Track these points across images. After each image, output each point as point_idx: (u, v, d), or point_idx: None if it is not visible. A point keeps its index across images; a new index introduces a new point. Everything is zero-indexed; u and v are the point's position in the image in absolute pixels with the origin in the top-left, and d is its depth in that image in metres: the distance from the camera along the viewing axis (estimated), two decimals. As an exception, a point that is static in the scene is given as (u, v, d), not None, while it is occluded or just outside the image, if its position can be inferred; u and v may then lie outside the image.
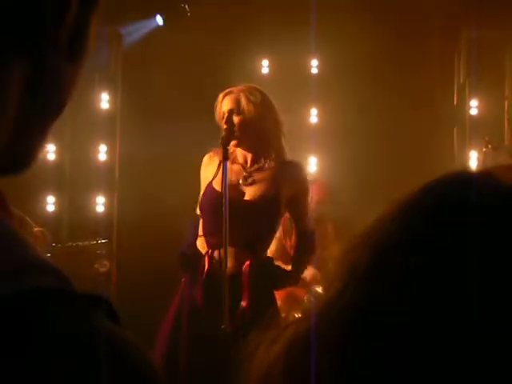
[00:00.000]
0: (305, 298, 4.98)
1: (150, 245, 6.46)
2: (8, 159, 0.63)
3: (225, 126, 3.74)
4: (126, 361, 0.53)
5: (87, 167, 6.86)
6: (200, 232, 3.84)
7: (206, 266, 3.73)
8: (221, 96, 3.85)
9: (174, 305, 3.85)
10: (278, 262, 4.06)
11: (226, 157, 3.60)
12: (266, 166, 3.84)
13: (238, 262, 3.73)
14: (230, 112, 3.77)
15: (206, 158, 3.95)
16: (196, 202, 4.00)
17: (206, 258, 3.75)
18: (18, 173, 0.65)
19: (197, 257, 3.80)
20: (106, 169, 6.89)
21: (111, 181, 6.88)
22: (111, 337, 0.54)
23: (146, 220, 6.53)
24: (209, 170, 3.88)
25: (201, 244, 3.82)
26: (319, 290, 4.92)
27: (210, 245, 3.77)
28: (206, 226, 3.80)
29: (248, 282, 3.71)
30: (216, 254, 3.73)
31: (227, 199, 3.54)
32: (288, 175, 3.85)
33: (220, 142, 3.69)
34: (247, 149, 3.84)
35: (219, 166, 3.78)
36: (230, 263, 3.67)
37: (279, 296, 4.28)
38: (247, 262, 3.73)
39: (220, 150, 3.76)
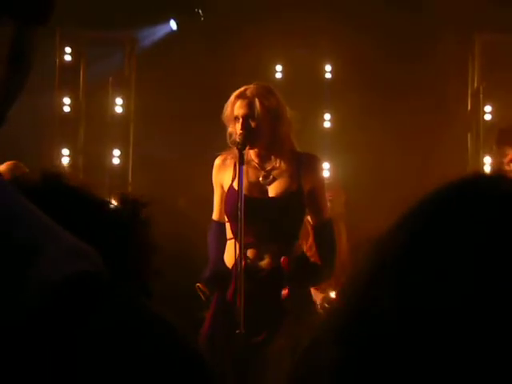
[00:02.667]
0: (318, 301, 4.95)
1: (163, 248, 6.47)
2: None
3: (240, 132, 3.74)
4: (170, 340, 0.57)
5: (100, 171, 6.88)
6: (229, 235, 3.86)
7: (244, 265, 3.77)
8: (233, 97, 3.83)
9: (207, 322, 3.87)
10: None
11: (241, 162, 3.62)
12: (280, 164, 3.87)
13: (273, 258, 3.78)
14: (245, 118, 3.76)
15: (218, 161, 3.94)
16: (210, 207, 4.02)
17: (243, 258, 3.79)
18: None
19: (227, 272, 3.83)
20: (120, 173, 6.91)
21: (124, 184, 6.89)
22: (157, 319, 0.58)
23: (159, 223, 6.54)
24: (225, 174, 3.89)
25: (231, 246, 3.83)
26: (334, 294, 4.91)
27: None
28: (235, 228, 3.80)
29: (288, 273, 3.78)
30: (249, 253, 3.76)
31: (243, 202, 3.57)
32: (307, 168, 3.89)
33: (236, 146, 3.69)
34: (262, 150, 3.86)
35: (235, 168, 3.80)
36: (267, 258, 3.77)
37: None
38: (284, 257, 3.77)
39: (231, 152, 3.80)
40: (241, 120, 3.77)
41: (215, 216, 4.01)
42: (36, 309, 0.54)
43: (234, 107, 3.80)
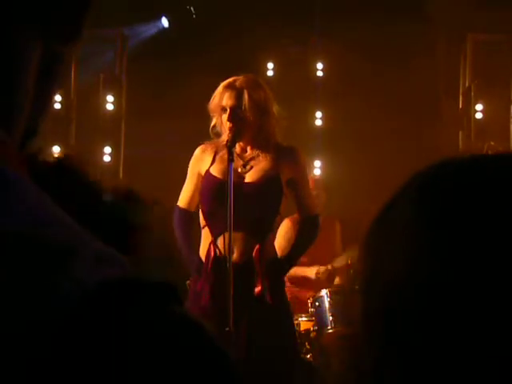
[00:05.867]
0: (309, 299, 4.93)
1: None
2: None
3: (229, 125, 3.72)
4: (202, 347, 0.58)
5: (91, 168, 6.86)
6: (202, 223, 3.82)
7: (212, 255, 3.70)
8: (221, 88, 3.80)
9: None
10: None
11: (231, 158, 3.60)
12: (260, 154, 3.83)
13: (245, 248, 3.71)
14: (232, 108, 3.74)
15: (198, 151, 3.90)
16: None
17: (211, 247, 3.72)
18: (26, 146, 0.74)
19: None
20: (111, 170, 6.89)
21: (115, 182, 6.87)
22: (191, 325, 0.58)
23: (150, 222, 6.52)
24: (204, 161, 3.85)
25: (205, 236, 3.79)
26: (324, 291, 4.90)
27: (213, 233, 3.74)
28: (207, 214, 3.77)
29: (260, 267, 3.70)
30: (220, 242, 3.71)
31: (232, 200, 3.54)
32: (286, 158, 3.85)
33: (225, 144, 3.68)
34: (246, 141, 3.83)
35: (214, 155, 3.80)
36: (236, 249, 3.67)
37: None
38: (256, 247, 3.70)
39: (213, 142, 3.81)
40: (228, 111, 3.75)
41: (183, 203, 3.92)
42: (70, 315, 0.54)
43: (223, 98, 3.78)
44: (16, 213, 0.58)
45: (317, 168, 6.88)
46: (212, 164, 3.81)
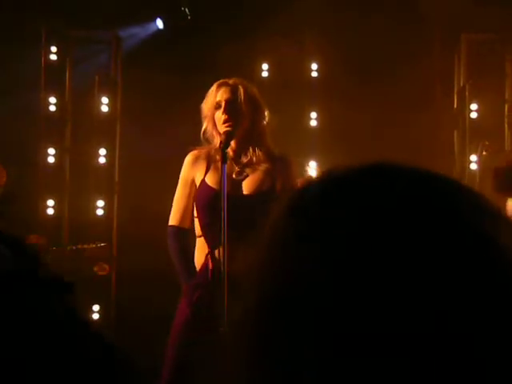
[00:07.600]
0: None
1: (149, 248, 6.45)
2: None
3: (224, 117, 3.72)
4: (81, 338, 0.58)
5: (87, 170, 6.86)
6: (198, 233, 3.80)
7: (210, 267, 3.69)
8: (215, 86, 3.82)
9: (180, 315, 3.82)
10: None
11: (224, 160, 3.59)
12: (256, 159, 3.83)
13: (241, 260, 3.71)
14: (228, 102, 3.75)
15: (190, 158, 3.88)
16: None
17: (208, 259, 3.71)
18: None
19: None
20: (106, 172, 6.89)
21: (111, 184, 6.87)
22: (70, 317, 0.59)
23: (146, 223, 6.52)
24: (198, 169, 3.84)
25: (201, 245, 3.78)
26: None
27: (210, 245, 3.72)
28: (204, 225, 3.75)
29: None
30: (217, 253, 3.69)
31: (225, 203, 3.53)
32: (281, 169, 3.85)
33: (219, 145, 3.67)
34: (239, 141, 3.82)
35: (208, 163, 3.79)
36: (234, 261, 3.66)
37: None
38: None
39: (204, 148, 3.80)
40: (223, 104, 3.74)
41: (176, 221, 3.90)
42: None
43: (217, 94, 3.79)
44: None
45: (312, 169, 6.88)
46: (206, 173, 3.79)
